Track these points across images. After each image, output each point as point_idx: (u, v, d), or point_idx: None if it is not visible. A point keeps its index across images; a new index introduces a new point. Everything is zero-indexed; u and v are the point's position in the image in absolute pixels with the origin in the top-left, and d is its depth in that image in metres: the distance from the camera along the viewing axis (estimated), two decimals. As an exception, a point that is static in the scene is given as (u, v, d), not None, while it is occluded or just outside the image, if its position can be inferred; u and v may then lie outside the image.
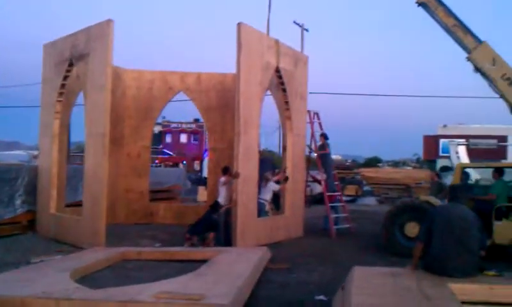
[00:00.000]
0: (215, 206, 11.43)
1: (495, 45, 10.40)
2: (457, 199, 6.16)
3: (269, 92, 13.49)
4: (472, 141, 17.07)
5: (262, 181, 12.62)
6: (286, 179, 12.82)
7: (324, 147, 14.24)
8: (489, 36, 10.39)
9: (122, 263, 9.17)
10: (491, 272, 5.76)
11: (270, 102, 13.61)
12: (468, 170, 15.62)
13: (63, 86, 12.26)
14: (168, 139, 74.06)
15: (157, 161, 55.86)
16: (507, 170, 11.01)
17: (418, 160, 61.85)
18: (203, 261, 8.48)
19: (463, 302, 4.83)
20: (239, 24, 10.97)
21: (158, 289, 6.19)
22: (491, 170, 11.24)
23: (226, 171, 11.75)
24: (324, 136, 14.38)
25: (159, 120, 69.00)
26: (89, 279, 7.78)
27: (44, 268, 8.12)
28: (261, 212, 12.41)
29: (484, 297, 5.21)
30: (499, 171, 10.73)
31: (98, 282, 7.56)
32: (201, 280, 6.95)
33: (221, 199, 11.60)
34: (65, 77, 12.17)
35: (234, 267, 7.85)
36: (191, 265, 8.43)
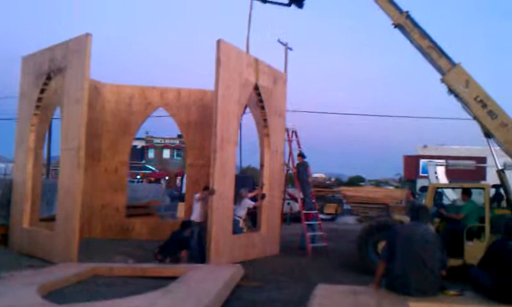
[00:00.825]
0: (185, 224, 11.41)
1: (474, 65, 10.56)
2: (419, 218, 6.23)
3: (247, 109, 13.57)
4: (450, 161, 17.18)
5: (237, 197, 12.61)
6: (263, 196, 12.83)
7: (301, 165, 14.26)
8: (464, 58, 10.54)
9: (92, 279, 9.06)
10: (452, 292, 5.81)
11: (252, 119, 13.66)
12: (446, 190, 15.77)
13: (39, 99, 12.18)
14: (151, 154, 73.73)
15: (138, 176, 55.59)
16: (477, 191, 11.14)
17: (400, 180, 62.24)
18: (174, 278, 8.43)
19: (422, 321, 4.86)
20: (218, 41, 11.04)
21: (126, 305, 6.14)
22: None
23: (205, 189, 11.71)
24: (302, 155, 14.44)
25: (142, 135, 68.84)
26: (57, 294, 7.68)
27: (12, 283, 8.03)
28: (235, 228, 12.39)
29: (443, 316, 5.26)
30: (467, 193, 10.86)
31: (66, 297, 7.47)
32: (170, 297, 6.91)
33: (195, 216, 11.58)
34: (42, 90, 12.10)
35: (203, 284, 7.81)
36: (161, 281, 8.36)
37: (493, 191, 11.63)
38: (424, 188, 16.59)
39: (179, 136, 69.87)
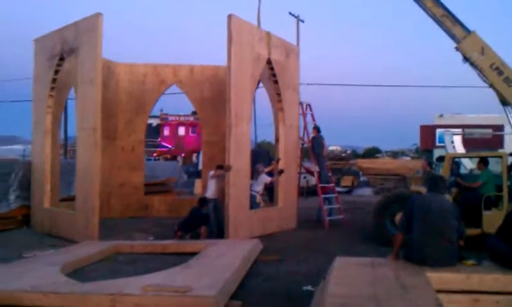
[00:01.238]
0: (201, 201, 11.50)
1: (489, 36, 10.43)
2: (436, 189, 6.20)
3: (261, 84, 13.53)
4: (467, 130, 17.04)
5: (254, 173, 12.67)
6: (281, 172, 12.87)
7: (316, 139, 14.23)
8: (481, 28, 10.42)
9: (114, 257, 9.23)
10: (470, 261, 5.81)
11: (266, 94, 13.64)
12: (463, 160, 15.66)
13: (54, 80, 12.29)
14: (166, 132, 73.82)
15: (155, 154, 55.91)
16: (495, 160, 11.05)
17: (416, 150, 61.79)
18: (194, 254, 8.55)
19: (439, 291, 4.89)
20: (229, 16, 10.97)
21: (146, 282, 6.24)
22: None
23: (218, 167, 11.78)
24: (317, 129, 14.40)
25: (157, 113, 68.96)
26: (80, 272, 7.85)
27: (35, 263, 8.20)
28: (252, 204, 12.49)
29: (461, 285, 5.28)
30: (484, 161, 10.79)
31: (89, 275, 7.62)
32: (190, 272, 7.01)
33: (210, 193, 11.67)
34: (56, 72, 12.20)
35: (223, 259, 7.90)
36: (181, 257, 8.49)
37: (510, 159, 11.54)
38: (441, 158, 16.51)
39: (194, 113, 69.93)
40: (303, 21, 32.07)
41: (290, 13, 31.96)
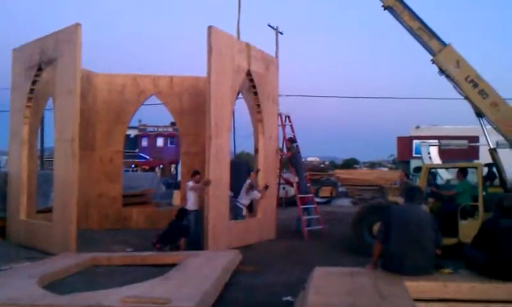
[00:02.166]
0: (180, 213, 11.45)
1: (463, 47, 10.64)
2: (414, 199, 6.32)
3: (240, 95, 13.59)
4: (443, 141, 17.30)
5: (245, 186, 12.77)
6: (266, 187, 12.93)
7: (290, 150, 14.28)
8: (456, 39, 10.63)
9: (92, 269, 9.15)
10: (447, 270, 5.91)
11: (245, 105, 13.69)
12: (440, 170, 15.89)
13: (31, 91, 12.18)
14: (144, 142, 73.41)
15: (133, 165, 55.49)
16: (471, 170, 11.26)
17: (394, 161, 62.42)
18: (173, 265, 8.51)
19: (418, 300, 4.96)
20: (209, 27, 11.03)
21: (125, 293, 6.21)
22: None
23: (194, 174, 11.83)
24: (291, 140, 14.48)
25: (136, 124, 68.56)
26: (57, 285, 7.74)
27: (12, 275, 8.08)
28: (238, 215, 12.59)
29: (438, 294, 5.37)
30: (463, 172, 11.00)
31: (66, 288, 7.52)
32: (169, 284, 6.98)
33: (190, 204, 11.64)
34: (34, 82, 12.10)
35: (202, 270, 7.89)
36: (160, 269, 8.45)
37: (486, 170, 11.76)
38: (417, 169, 16.74)
39: (173, 124, 69.66)
40: (281, 33, 32.22)
41: (269, 25, 32.15)
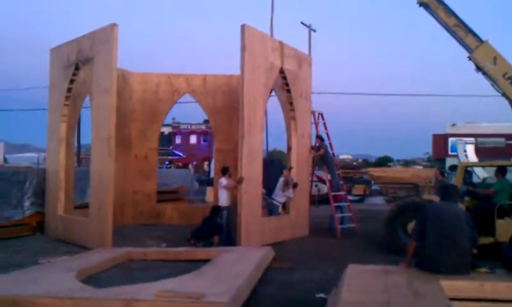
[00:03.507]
0: (215, 211, 11.56)
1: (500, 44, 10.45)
2: (449, 198, 6.24)
3: (273, 93, 13.61)
4: (479, 139, 17.02)
5: (279, 182, 12.81)
6: (295, 185, 12.94)
7: (319, 148, 14.21)
8: (493, 36, 10.45)
9: (127, 264, 9.32)
10: (483, 269, 5.83)
11: (278, 102, 13.71)
12: (476, 169, 15.59)
13: (69, 89, 12.46)
14: (178, 140, 74.21)
15: (166, 162, 56.12)
16: (510, 169, 11.02)
17: (429, 159, 61.50)
18: (206, 261, 8.60)
19: (453, 299, 4.90)
20: (242, 26, 11.09)
21: (159, 288, 6.31)
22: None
23: (225, 171, 11.94)
24: (320, 138, 14.41)
25: (169, 121, 69.29)
26: (94, 279, 7.93)
27: (50, 269, 8.31)
28: (273, 212, 12.62)
29: (474, 293, 5.28)
30: (501, 170, 10.76)
31: (103, 282, 7.70)
32: (202, 279, 7.07)
33: (222, 201, 11.74)
34: (71, 81, 12.36)
35: (235, 266, 7.96)
36: (194, 264, 8.54)
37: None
38: (453, 167, 16.47)
39: (206, 121, 70.15)
40: (314, 30, 32.13)
41: (302, 23, 32.07)
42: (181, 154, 67.66)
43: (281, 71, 12.56)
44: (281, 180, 13.01)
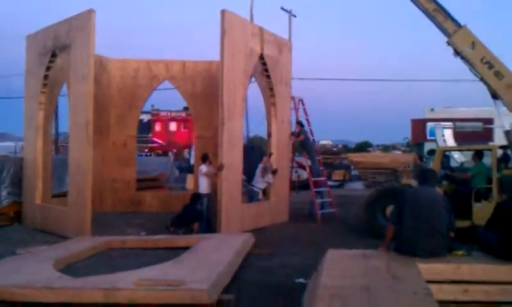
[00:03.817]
0: (195, 197, 11.54)
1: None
2: (427, 182, 6.30)
3: (253, 79, 13.56)
4: (457, 124, 17.13)
5: (258, 169, 12.81)
6: (275, 171, 12.96)
7: (299, 134, 14.24)
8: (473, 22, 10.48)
9: (107, 252, 9.26)
10: (460, 252, 5.90)
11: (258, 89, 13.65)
12: (454, 153, 15.76)
13: (46, 76, 12.24)
14: (158, 127, 73.67)
15: (146, 150, 55.77)
16: (486, 153, 11.16)
17: (408, 144, 62.08)
18: (186, 248, 8.59)
19: (430, 281, 4.96)
20: (222, 11, 11.01)
21: (139, 276, 6.28)
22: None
23: (205, 158, 11.91)
24: (300, 124, 14.44)
25: (149, 109, 68.70)
26: (73, 268, 7.86)
27: (28, 259, 8.19)
28: (253, 198, 12.64)
29: (451, 276, 5.37)
30: (478, 155, 10.90)
31: (81, 271, 7.63)
32: (182, 266, 7.05)
33: (203, 188, 11.71)
34: (48, 68, 12.16)
35: (215, 253, 7.95)
36: (174, 252, 8.52)
37: (500, 152, 11.64)
38: (431, 152, 16.62)
39: (185, 108, 69.71)
40: (295, 16, 31.80)
41: (282, 8, 31.87)
42: (161, 141, 67.26)
43: (261, 57, 12.52)
44: (261, 166, 13.02)
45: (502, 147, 11.94)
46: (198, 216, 11.27)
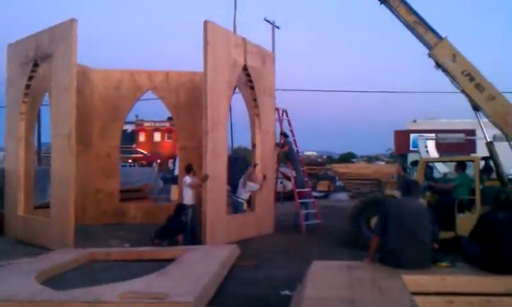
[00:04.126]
0: (179, 209, 11.48)
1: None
2: (411, 193, 6.33)
3: (237, 90, 13.58)
4: (440, 135, 17.34)
5: (241, 179, 12.78)
6: (264, 177, 12.97)
7: (284, 145, 14.28)
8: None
9: (90, 264, 9.15)
10: (444, 264, 5.92)
11: (242, 99, 13.67)
12: (437, 164, 15.91)
13: (28, 86, 12.15)
14: (142, 138, 73.45)
15: (130, 160, 55.47)
16: (469, 164, 11.27)
17: (391, 155, 62.56)
18: (171, 260, 8.52)
19: (415, 293, 4.97)
20: (205, 22, 11.00)
21: (123, 289, 6.21)
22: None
23: (189, 169, 11.87)
24: (285, 135, 14.47)
25: (132, 119, 68.47)
26: (56, 280, 7.75)
27: (10, 271, 8.08)
28: (237, 210, 12.60)
29: (436, 287, 5.38)
30: (461, 166, 10.98)
31: (65, 283, 7.53)
32: (167, 279, 7.00)
33: (187, 199, 11.66)
34: (30, 78, 12.06)
35: (200, 265, 7.90)
36: (158, 264, 8.44)
37: (483, 163, 11.77)
38: (415, 163, 16.75)
39: (169, 119, 69.56)
40: (278, 27, 32.16)
41: (265, 19, 32.07)
42: (145, 152, 66.99)
43: (245, 68, 12.53)
44: (243, 177, 12.98)
45: (484, 158, 12.07)
46: (182, 228, 11.20)
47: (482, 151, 12.46)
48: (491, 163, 11.33)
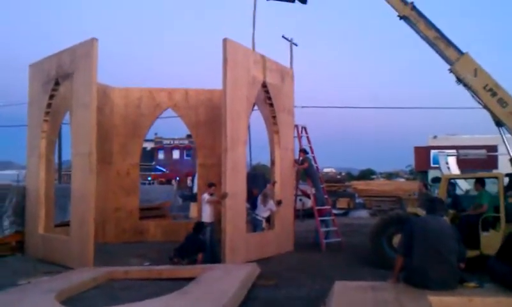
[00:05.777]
0: (197, 227, 11.40)
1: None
2: (435, 211, 6.19)
3: (256, 107, 13.54)
4: (461, 151, 17.06)
5: (259, 197, 12.66)
6: (279, 202, 12.82)
7: (303, 162, 14.18)
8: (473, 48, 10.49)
9: (109, 283, 9.10)
10: (471, 284, 5.76)
11: (260, 116, 13.62)
12: (459, 180, 15.66)
13: (49, 105, 12.26)
14: (161, 155, 73.76)
15: (149, 178, 55.70)
16: (490, 180, 11.03)
17: (411, 172, 61.93)
18: (190, 279, 8.43)
19: (442, 315, 4.83)
20: (224, 40, 11.03)
21: (143, 308, 6.15)
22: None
23: (210, 186, 11.83)
24: (304, 151, 14.39)
25: (152, 137, 68.90)
26: (75, 299, 7.74)
27: (30, 290, 8.08)
28: (257, 228, 12.47)
29: (463, 308, 5.22)
30: (481, 182, 10.74)
31: (84, 303, 7.52)
32: (187, 298, 6.92)
33: (206, 217, 11.58)
34: (51, 96, 12.18)
35: (220, 284, 7.81)
36: (178, 283, 8.37)
37: (506, 180, 11.52)
38: (436, 180, 16.50)
39: (188, 136, 69.86)
40: (296, 44, 32.14)
41: (283, 37, 32.07)
42: (164, 170, 67.26)
43: (264, 85, 12.51)
44: (261, 194, 12.87)
45: (508, 175, 11.82)
46: (201, 246, 11.12)
47: (504, 167, 12.22)
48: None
